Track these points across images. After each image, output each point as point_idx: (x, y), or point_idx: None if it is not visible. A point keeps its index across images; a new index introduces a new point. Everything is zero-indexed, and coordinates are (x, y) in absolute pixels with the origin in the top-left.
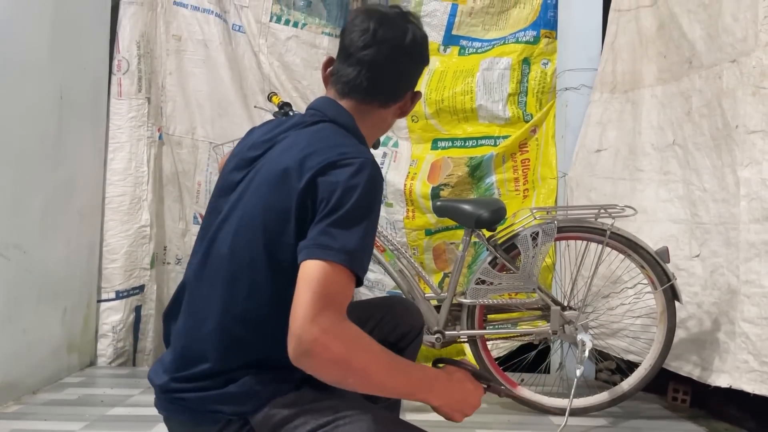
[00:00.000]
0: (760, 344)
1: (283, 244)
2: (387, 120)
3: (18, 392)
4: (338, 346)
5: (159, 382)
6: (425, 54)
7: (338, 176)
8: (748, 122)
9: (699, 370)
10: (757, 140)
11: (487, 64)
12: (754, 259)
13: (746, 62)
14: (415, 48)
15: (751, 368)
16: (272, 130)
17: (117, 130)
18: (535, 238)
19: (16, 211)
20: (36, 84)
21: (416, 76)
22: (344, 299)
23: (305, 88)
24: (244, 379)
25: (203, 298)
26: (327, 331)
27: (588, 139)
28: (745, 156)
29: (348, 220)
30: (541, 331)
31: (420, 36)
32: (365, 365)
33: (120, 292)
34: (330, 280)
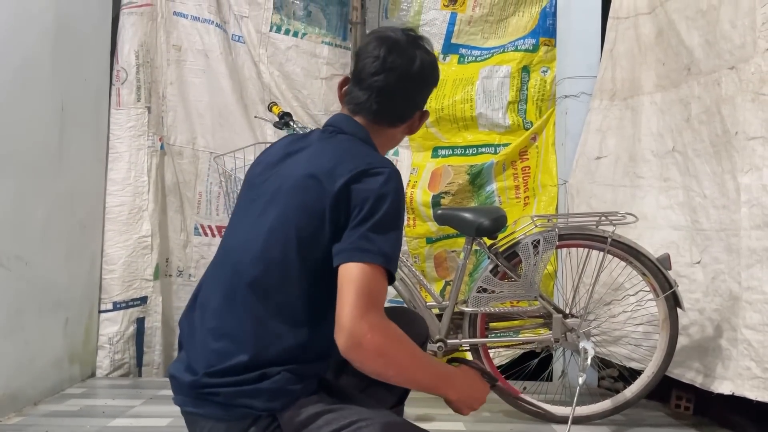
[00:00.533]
0: (763, 351)
1: (316, 243)
2: (396, 137)
3: (19, 404)
4: (384, 341)
5: (188, 379)
6: (433, 77)
7: (370, 184)
8: (748, 128)
9: (702, 377)
10: (757, 146)
11: (487, 73)
12: (756, 265)
13: (745, 69)
14: (422, 73)
15: (753, 375)
16: (293, 143)
17: (116, 140)
18: (536, 245)
19: (17, 223)
20: (37, 96)
21: (424, 98)
22: (384, 296)
23: (305, 97)
24: (277, 376)
25: (239, 299)
26: (374, 327)
27: (588, 146)
28: (746, 162)
29: (382, 225)
30: (543, 339)
31: (428, 61)
32: (404, 359)
33: (117, 303)
34: (372, 280)
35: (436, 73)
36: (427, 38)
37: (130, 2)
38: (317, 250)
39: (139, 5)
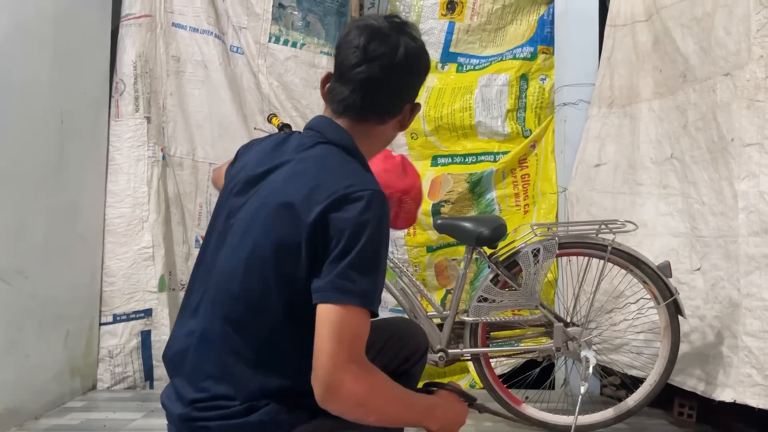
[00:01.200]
0: (763, 358)
1: (295, 279)
2: (385, 135)
3: (21, 418)
4: (363, 391)
5: (178, 411)
6: (421, 65)
7: (348, 212)
8: (744, 135)
9: (703, 385)
10: (753, 153)
11: (486, 81)
12: (755, 272)
13: (740, 75)
14: (408, 61)
15: (754, 382)
16: (273, 151)
17: (116, 151)
18: (537, 254)
19: (18, 237)
20: (37, 110)
21: (413, 89)
22: (365, 340)
23: (305, 107)
24: (266, 408)
25: (220, 332)
26: (353, 378)
27: (587, 153)
28: (742, 169)
29: (362, 260)
30: (544, 348)
31: (414, 48)
32: (385, 405)
33: (118, 315)
34: (351, 323)
35: (424, 59)
36: (413, 24)
37: (129, 14)
38: (298, 285)
39: (138, 16)
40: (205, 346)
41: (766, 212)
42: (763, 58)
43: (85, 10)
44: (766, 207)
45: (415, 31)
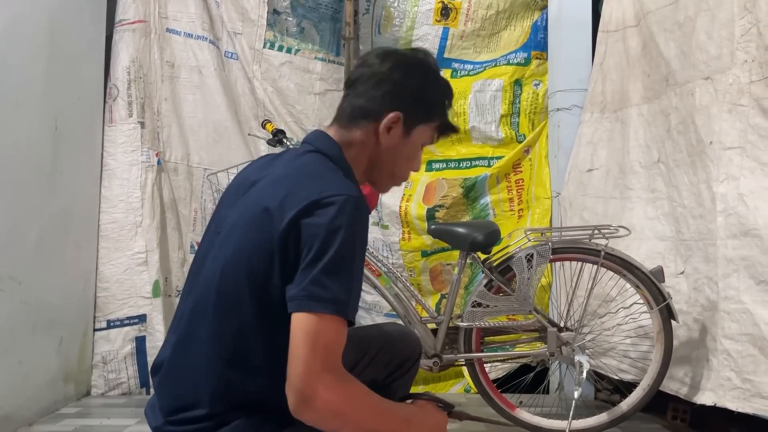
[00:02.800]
0: (741, 361)
1: (269, 287)
2: (368, 143)
3: (14, 424)
4: (339, 401)
5: (154, 424)
6: (408, 71)
7: (320, 218)
8: (724, 138)
9: (686, 389)
10: (734, 156)
11: (479, 86)
12: (733, 275)
13: (722, 79)
14: (397, 67)
15: (734, 385)
16: (267, 163)
17: (109, 157)
18: (530, 259)
19: (11, 242)
20: (31, 115)
21: (396, 94)
22: (340, 348)
23: (299, 112)
24: (236, 423)
25: (194, 342)
26: (328, 388)
27: (580, 159)
28: (721, 172)
29: (335, 266)
30: (538, 352)
31: (405, 55)
32: (361, 415)
33: (112, 321)
34: (326, 332)
35: (416, 67)
36: (427, 51)
37: (122, 20)
38: (272, 293)
39: (132, 22)
40: (180, 356)
41: (744, 215)
42: (747, 63)
43: (79, 16)
44: (745, 209)
45: (425, 54)
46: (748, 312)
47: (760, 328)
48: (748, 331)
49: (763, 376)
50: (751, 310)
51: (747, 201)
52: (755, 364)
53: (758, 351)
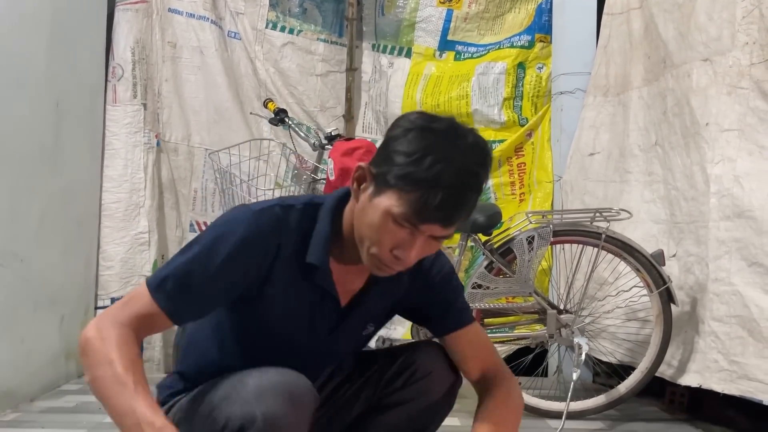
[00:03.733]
0: (729, 343)
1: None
2: (353, 198)
3: (16, 400)
4: (92, 335)
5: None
6: (407, 131)
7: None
8: (722, 120)
9: (672, 371)
10: (731, 138)
11: (483, 69)
12: (724, 256)
13: (721, 61)
14: (397, 125)
15: (720, 367)
16: None
17: (112, 137)
18: (531, 242)
19: (13, 219)
20: (32, 93)
21: (381, 148)
22: (137, 310)
23: (301, 94)
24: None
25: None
26: (94, 325)
27: (582, 142)
28: (717, 153)
29: (181, 250)
30: (537, 334)
31: (418, 119)
32: (97, 367)
33: (116, 299)
34: (134, 293)
35: (419, 130)
36: (461, 126)
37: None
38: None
39: (134, 2)
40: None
41: (739, 196)
42: (748, 45)
43: None
44: (741, 191)
45: (449, 125)
46: (738, 294)
47: (750, 310)
48: (737, 313)
49: (751, 358)
50: (742, 291)
51: (743, 183)
52: (743, 346)
53: (747, 333)
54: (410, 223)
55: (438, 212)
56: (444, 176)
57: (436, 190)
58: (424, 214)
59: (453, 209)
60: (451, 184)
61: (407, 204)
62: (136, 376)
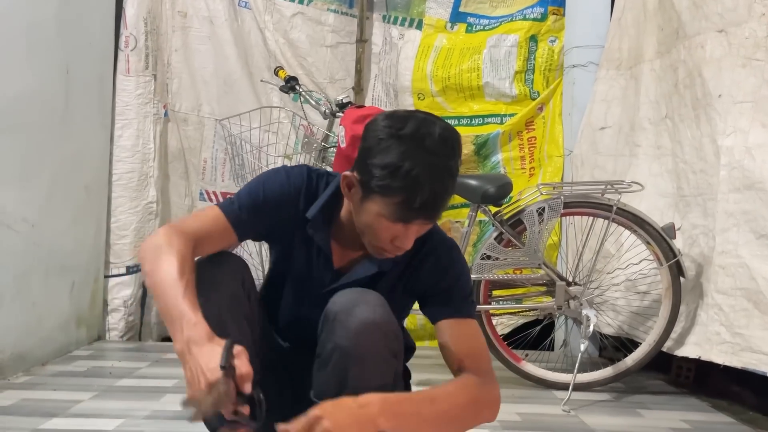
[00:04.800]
0: (733, 315)
1: None
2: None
3: (27, 364)
4: (154, 236)
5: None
6: (370, 141)
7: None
8: (735, 92)
9: (671, 342)
10: (745, 110)
11: (494, 41)
12: (732, 229)
13: (736, 32)
14: (367, 131)
15: (722, 340)
16: None
17: (125, 107)
18: (542, 213)
19: (24, 185)
20: (42, 59)
21: (360, 155)
22: (197, 220)
23: (310, 65)
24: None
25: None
26: (163, 230)
27: (593, 116)
28: (729, 125)
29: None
30: (545, 306)
31: (378, 125)
32: (152, 258)
33: (130, 267)
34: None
35: (387, 141)
36: (434, 128)
37: None
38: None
39: None
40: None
41: (751, 168)
42: (765, 17)
43: None
44: (752, 163)
45: (418, 129)
46: (745, 266)
47: (757, 283)
48: (743, 285)
49: (756, 330)
50: (749, 264)
51: (755, 154)
52: (748, 319)
53: (752, 305)
54: (400, 221)
55: (421, 211)
56: (419, 179)
57: (414, 193)
58: (409, 216)
59: (434, 205)
60: (427, 184)
61: (392, 209)
62: (189, 282)
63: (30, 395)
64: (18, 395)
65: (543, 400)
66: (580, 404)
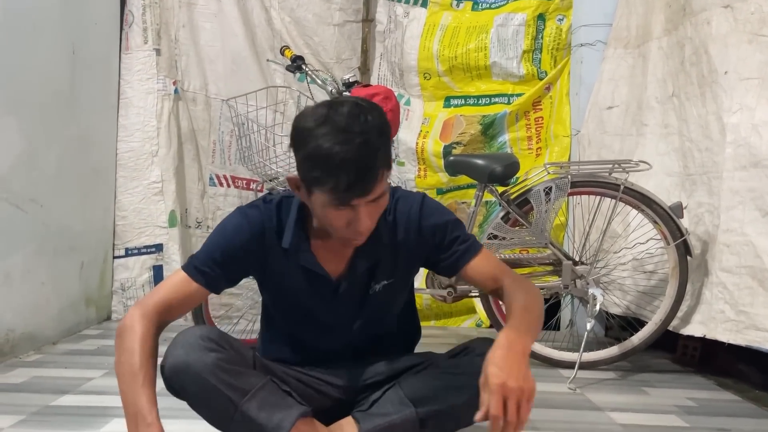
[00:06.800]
0: (738, 293)
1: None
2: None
3: (38, 342)
4: (122, 325)
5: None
6: (293, 138)
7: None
8: (742, 69)
9: (676, 321)
10: (751, 87)
11: (502, 20)
12: (738, 207)
13: (742, 8)
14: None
15: (726, 318)
16: None
17: (126, 85)
18: (549, 192)
19: (31, 166)
20: (48, 39)
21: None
22: (165, 291)
23: (317, 44)
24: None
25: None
26: (131, 313)
27: (600, 96)
28: (735, 102)
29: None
30: (552, 285)
31: (297, 122)
32: (120, 353)
33: (130, 249)
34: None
35: (297, 135)
36: (340, 106)
37: None
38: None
39: None
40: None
41: (757, 145)
42: None
43: None
44: (758, 140)
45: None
46: (750, 244)
47: (763, 260)
48: (748, 263)
49: (760, 308)
50: (754, 242)
51: (761, 132)
52: (753, 296)
53: (757, 283)
54: (341, 206)
55: (353, 191)
56: (336, 161)
57: (338, 176)
58: (345, 198)
59: (363, 181)
60: (346, 163)
61: (329, 197)
62: (147, 372)
63: (41, 373)
64: (29, 373)
65: (549, 379)
66: (586, 383)
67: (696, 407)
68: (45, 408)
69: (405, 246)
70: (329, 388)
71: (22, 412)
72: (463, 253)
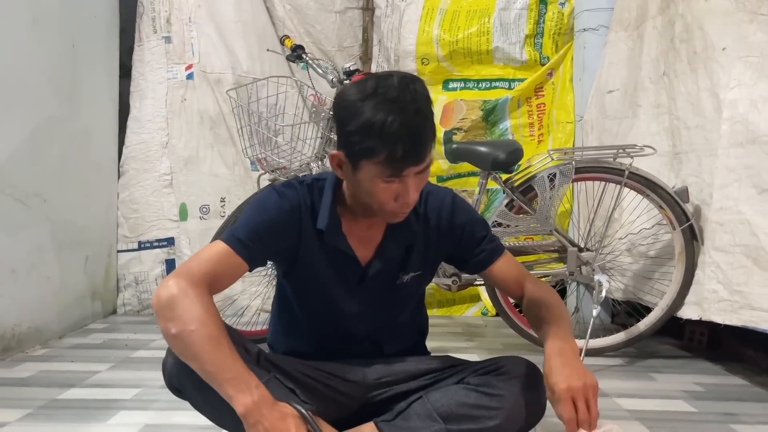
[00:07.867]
0: (731, 272)
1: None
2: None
3: (44, 337)
4: (177, 293)
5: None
6: (340, 113)
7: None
8: (741, 46)
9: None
10: (751, 63)
11: (504, 4)
12: (733, 184)
13: None
14: (335, 106)
15: (720, 298)
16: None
17: (139, 77)
18: (553, 179)
19: (35, 160)
20: (47, 34)
21: (338, 133)
22: (210, 262)
23: (318, 32)
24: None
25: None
26: (175, 283)
27: (602, 80)
28: (732, 78)
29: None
30: (557, 272)
31: (341, 96)
32: (189, 322)
33: (143, 242)
34: (207, 248)
35: (346, 109)
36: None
37: None
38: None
39: None
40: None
41: (755, 122)
42: None
43: None
44: (757, 116)
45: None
46: (746, 222)
47: (759, 239)
48: (743, 242)
49: (755, 287)
50: (750, 220)
51: (760, 108)
52: (747, 276)
53: (752, 262)
54: (393, 176)
55: (408, 158)
56: (393, 129)
57: (394, 144)
58: (399, 167)
59: (417, 147)
60: (402, 131)
61: (381, 167)
62: (228, 339)
63: (48, 367)
64: (36, 367)
65: None
66: (592, 369)
67: (703, 392)
68: (52, 402)
69: (436, 239)
70: (339, 383)
71: (29, 406)
72: (490, 252)
